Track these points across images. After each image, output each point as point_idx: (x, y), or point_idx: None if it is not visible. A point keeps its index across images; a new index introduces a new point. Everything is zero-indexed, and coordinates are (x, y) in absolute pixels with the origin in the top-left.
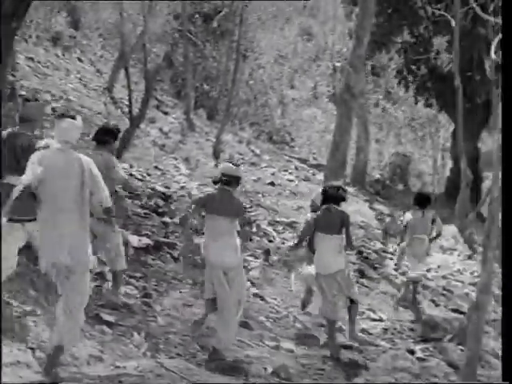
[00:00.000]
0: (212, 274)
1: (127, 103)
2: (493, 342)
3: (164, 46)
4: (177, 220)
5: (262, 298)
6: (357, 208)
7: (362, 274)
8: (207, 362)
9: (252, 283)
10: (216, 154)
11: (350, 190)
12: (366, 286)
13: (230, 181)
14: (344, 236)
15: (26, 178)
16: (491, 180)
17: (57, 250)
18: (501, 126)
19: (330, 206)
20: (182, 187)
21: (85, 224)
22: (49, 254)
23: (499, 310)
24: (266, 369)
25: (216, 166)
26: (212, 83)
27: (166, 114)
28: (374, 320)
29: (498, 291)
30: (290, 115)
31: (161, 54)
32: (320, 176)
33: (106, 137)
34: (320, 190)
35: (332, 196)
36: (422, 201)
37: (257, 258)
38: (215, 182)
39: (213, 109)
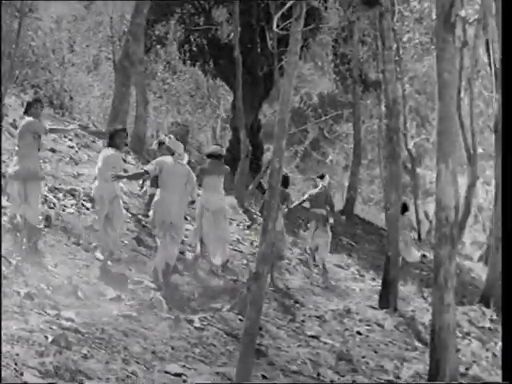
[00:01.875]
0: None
1: None
2: (273, 312)
3: None
4: None
5: (43, 266)
6: None
7: (139, 242)
8: None
9: None
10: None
11: (129, 158)
12: (144, 255)
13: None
14: None
15: (148, 168)
16: (272, 152)
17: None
18: (501, 125)
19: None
20: None
21: (184, 202)
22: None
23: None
24: (46, 337)
25: None
26: None
27: None
28: (153, 289)
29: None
30: (71, 80)
31: None
32: (100, 143)
33: None
34: None
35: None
36: (404, 208)
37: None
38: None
39: None
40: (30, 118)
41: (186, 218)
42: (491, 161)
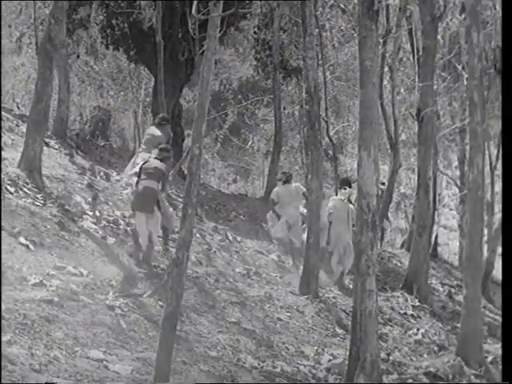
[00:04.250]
0: None
1: None
2: (193, 298)
3: None
4: None
5: None
6: (58, 161)
7: (62, 227)
8: None
9: None
10: None
11: (52, 142)
12: (66, 240)
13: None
14: None
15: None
16: (192, 138)
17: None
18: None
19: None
20: None
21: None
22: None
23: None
24: None
25: None
26: None
27: None
28: (75, 275)
29: (200, 247)
30: None
31: None
32: (23, 127)
33: None
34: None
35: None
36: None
37: None
38: None
39: None
40: (159, 133)
41: None
42: (414, 148)
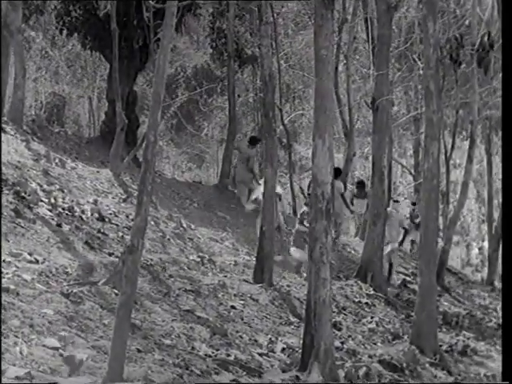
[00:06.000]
0: None
1: None
2: (148, 286)
3: None
4: None
5: None
6: (14, 147)
7: (17, 213)
8: None
9: None
10: None
11: (8, 128)
12: (22, 227)
13: None
14: None
15: None
16: (147, 125)
17: None
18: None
19: None
20: None
21: None
22: None
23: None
24: None
25: None
26: None
27: None
28: (31, 262)
29: (154, 235)
30: None
31: None
32: None
33: None
34: None
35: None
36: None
37: None
38: None
39: None
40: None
41: None
42: (369, 137)
